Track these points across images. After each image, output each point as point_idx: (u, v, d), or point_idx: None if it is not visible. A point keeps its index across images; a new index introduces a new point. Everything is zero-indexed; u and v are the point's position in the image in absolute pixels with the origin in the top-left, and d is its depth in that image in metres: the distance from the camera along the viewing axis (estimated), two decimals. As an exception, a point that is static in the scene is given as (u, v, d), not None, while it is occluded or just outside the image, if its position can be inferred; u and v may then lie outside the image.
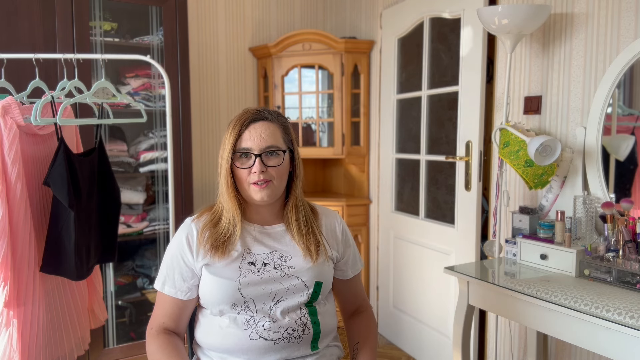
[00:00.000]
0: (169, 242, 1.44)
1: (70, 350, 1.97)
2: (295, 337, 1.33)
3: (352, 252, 1.50)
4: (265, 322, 1.31)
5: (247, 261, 1.35)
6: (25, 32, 2.38)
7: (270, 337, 1.31)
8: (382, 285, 3.32)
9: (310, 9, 3.75)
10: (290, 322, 1.33)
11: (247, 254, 1.36)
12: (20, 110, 1.70)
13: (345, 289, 1.53)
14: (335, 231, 1.47)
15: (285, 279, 1.34)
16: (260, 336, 1.31)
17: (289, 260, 1.37)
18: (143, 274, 2.92)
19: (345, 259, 1.48)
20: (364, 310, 1.56)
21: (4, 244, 1.63)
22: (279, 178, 1.35)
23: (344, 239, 1.48)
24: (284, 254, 1.38)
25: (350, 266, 1.50)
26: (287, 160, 1.36)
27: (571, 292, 1.61)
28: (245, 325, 1.32)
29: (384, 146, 3.25)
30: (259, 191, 1.32)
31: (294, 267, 1.36)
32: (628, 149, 1.92)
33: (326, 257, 1.40)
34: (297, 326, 1.33)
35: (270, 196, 1.34)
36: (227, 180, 1.34)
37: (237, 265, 1.34)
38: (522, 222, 2.05)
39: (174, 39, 2.77)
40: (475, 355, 2.54)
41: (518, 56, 2.30)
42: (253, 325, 1.32)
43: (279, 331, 1.31)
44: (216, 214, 1.39)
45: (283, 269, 1.35)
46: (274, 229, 1.41)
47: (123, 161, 2.76)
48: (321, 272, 1.38)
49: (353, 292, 1.54)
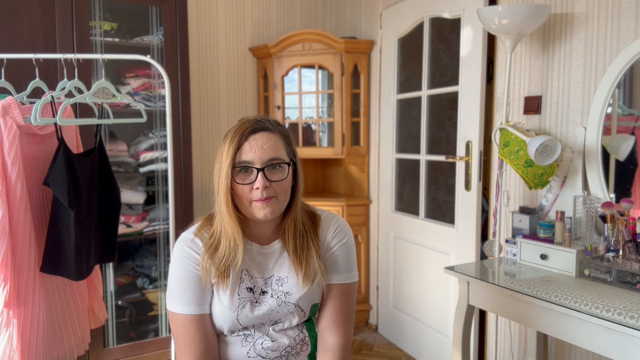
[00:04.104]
0: (171, 261, 1.32)
1: (70, 350, 1.97)
2: (294, 354, 1.32)
3: (339, 255, 1.34)
4: (264, 341, 1.29)
5: (245, 286, 1.28)
6: (25, 32, 2.38)
7: (268, 356, 1.29)
8: (382, 285, 3.32)
9: (310, 9, 3.75)
10: (289, 342, 1.30)
11: (245, 276, 1.29)
12: (20, 110, 1.70)
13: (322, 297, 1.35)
14: (327, 235, 1.35)
15: (282, 307, 1.28)
16: (259, 354, 1.29)
17: (285, 284, 1.30)
18: (143, 274, 2.92)
19: (328, 256, 1.33)
20: (329, 352, 1.30)
21: (4, 244, 1.63)
22: (283, 193, 1.24)
23: (333, 241, 1.35)
24: (281, 276, 1.30)
25: (331, 268, 1.33)
26: (290, 174, 1.25)
27: (571, 292, 1.61)
28: (244, 342, 1.30)
29: (384, 146, 3.25)
30: (262, 208, 1.21)
31: (290, 292, 1.29)
32: (628, 149, 1.92)
33: (322, 276, 1.30)
34: (295, 344, 1.31)
35: (274, 213, 1.23)
36: (228, 198, 1.21)
37: (235, 290, 1.27)
38: (522, 222, 2.05)
39: (174, 39, 2.77)
40: (475, 355, 2.54)
41: (518, 56, 2.30)
42: (252, 342, 1.29)
43: (278, 350, 1.29)
44: (215, 236, 1.27)
45: (280, 297, 1.29)
46: (272, 248, 1.32)
47: (123, 161, 2.76)
48: (316, 293, 1.32)
49: (328, 307, 1.32)
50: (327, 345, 1.31)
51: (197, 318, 1.27)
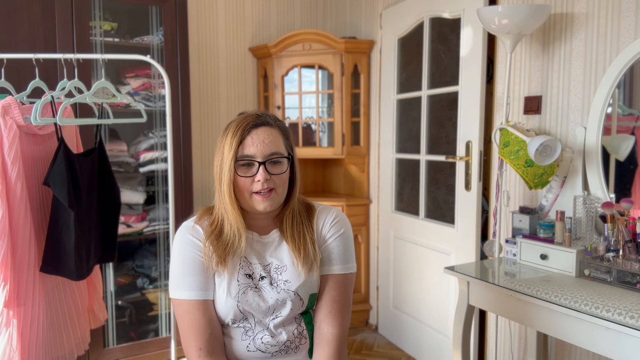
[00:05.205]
0: (172, 250, 1.35)
1: (70, 350, 1.97)
2: (293, 348, 1.33)
3: (335, 245, 1.36)
4: (264, 336, 1.30)
5: (244, 272, 1.31)
6: (25, 32, 2.38)
7: (267, 350, 1.31)
8: (382, 285, 3.32)
9: (310, 9, 3.75)
10: (288, 336, 1.32)
11: (244, 262, 1.32)
12: (20, 110, 1.70)
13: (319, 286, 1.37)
14: (324, 227, 1.37)
15: (281, 294, 1.30)
16: (258, 349, 1.31)
17: (284, 272, 1.32)
18: (143, 274, 2.92)
19: (324, 247, 1.36)
20: (324, 342, 1.32)
21: (4, 244, 1.63)
22: (282, 186, 1.29)
23: (330, 232, 1.37)
24: (279, 265, 1.33)
25: (327, 259, 1.35)
26: (289, 167, 1.31)
27: (571, 292, 1.61)
28: (244, 336, 1.31)
29: (384, 146, 3.25)
30: (262, 201, 1.26)
31: (289, 280, 1.31)
32: (628, 149, 1.92)
33: (317, 266, 1.33)
34: (294, 338, 1.33)
35: (273, 205, 1.28)
36: (230, 190, 1.26)
37: (235, 276, 1.30)
38: (522, 222, 2.05)
39: (174, 39, 2.77)
40: (475, 356, 2.54)
41: (518, 56, 2.30)
42: (252, 336, 1.31)
43: (277, 345, 1.31)
44: (216, 224, 1.31)
45: (279, 284, 1.31)
46: (270, 237, 1.36)
47: (123, 161, 2.76)
48: (313, 282, 1.34)
49: (324, 297, 1.34)
50: (323, 335, 1.33)
51: (201, 303, 1.28)
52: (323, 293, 1.35)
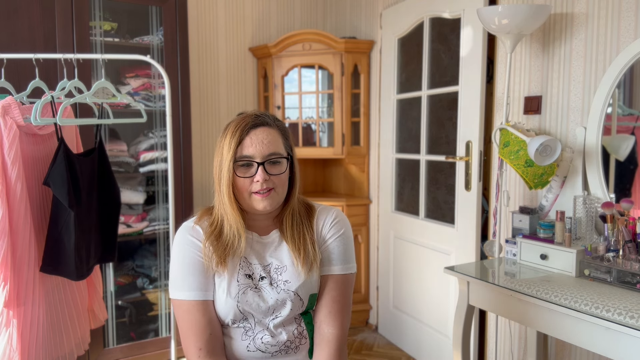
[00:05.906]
0: (172, 250, 1.35)
1: (70, 350, 1.97)
2: (293, 348, 1.33)
3: (335, 246, 1.36)
4: (264, 336, 1.30)
5: (244, 272, 1.31)
6: (25, 31, 2.38)
7: (267, 350, 1.31)
8: (382, 285, 3.32)
9: (310, 9, 3.75)
10: (288, 336, 1.32)
11: (244, 263, 1.32)
12: (20, 110, 1.70)
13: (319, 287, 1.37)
14: (324, 227, 1.37)
15: (281, 294, 1.30)
16: (258, 349, 1.31)
17: (284, 272, 1.32)
18: (143, 274, 2.92)
19: (324, 248, 1.36)
20: (324, 342, 1.32)
21: (4, 244, 1.63)
22: (281, 186, 1.29)
23: (330, 232, 1.37)
24: (279, 265, 1.33)
25: (327, 259, 1.35)
26: (288, 167, 1.31)
27: (571, 292, 1.61)
28: (244, 336, 1.31)
29: (384, 146, 3.25)
30: (262, 201, 1.26)
31: (289, 280, 1.31)
32: (628, 149, 1.92)
33: (317, 266, 1.33)
34: (294, 338, 1.33)
35: (273, 205, 1.28)
36: (230, 190, 1.26)
37: (235, 277, 1.30)
38: (522, 222, 2.05)
39: (174, 39, 2.77)
40: (475, 356, 2.54)
41: (518, 56, 2.30)
42: (252, 337, 1.31)
43: (277, 345, 1.31)
44: (216, 225, 1.31)
45: (279, 285, 1.31)
46: (270, 238, 1.36)
47: (123, 161, 2.76)
48: (313, 283, 1.34)
49: (325, 298, 1.35)
50: (323, 335, 1.33)
51: (201, 304, 1.29)
52: (323, 293, 1.35)
